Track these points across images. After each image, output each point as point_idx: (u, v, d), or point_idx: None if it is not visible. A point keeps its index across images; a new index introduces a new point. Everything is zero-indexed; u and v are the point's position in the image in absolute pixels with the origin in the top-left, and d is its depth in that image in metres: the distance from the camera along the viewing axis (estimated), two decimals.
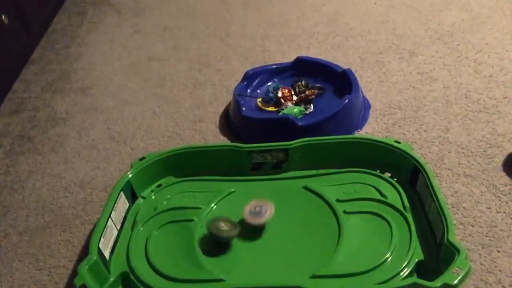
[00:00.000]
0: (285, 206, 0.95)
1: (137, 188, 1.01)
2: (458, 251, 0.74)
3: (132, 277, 0.84)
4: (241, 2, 1.81)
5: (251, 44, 1.55)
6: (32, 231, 1.04)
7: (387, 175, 0.98)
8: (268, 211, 0.89)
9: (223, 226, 0.88)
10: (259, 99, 1.25)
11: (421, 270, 0.80)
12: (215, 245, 0.88)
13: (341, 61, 1.38)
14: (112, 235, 0.91)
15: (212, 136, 1.21)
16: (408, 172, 0.94)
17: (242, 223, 0.90)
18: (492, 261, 0.83)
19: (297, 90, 1.24)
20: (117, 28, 1.79)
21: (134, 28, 1.77)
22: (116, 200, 0.94)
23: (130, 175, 1.00)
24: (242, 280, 0.83)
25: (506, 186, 0.96)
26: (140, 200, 1.01)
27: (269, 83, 1.30)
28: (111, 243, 0.90)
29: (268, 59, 1.46)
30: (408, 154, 0.94)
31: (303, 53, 1.44)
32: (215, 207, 0.97)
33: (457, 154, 1.04)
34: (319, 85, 1.25)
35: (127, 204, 0.98)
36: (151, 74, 1.50)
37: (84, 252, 0.96)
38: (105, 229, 0.88)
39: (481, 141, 1.07)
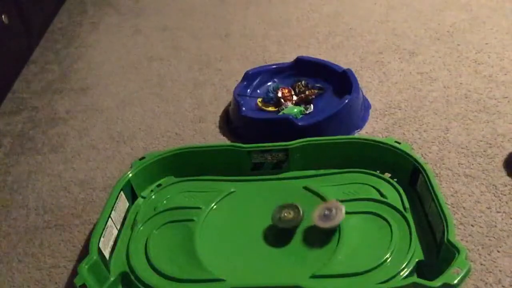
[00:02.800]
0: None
1: (137, 188, 1.01)
2: (458, 251, 0.74)
3: (132, 277, 0.84)
4: (241, 2, 1.81)
5: (251, 44, 1.55)
6: (32, 231, 1.04)
7: (387, 175, 0.98)
8: (339, 214, 0.86)
9: (286, 215, 0.89)
10: (259, 99, 1.25)
11: (421, 270, 0.80)
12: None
13: (341, 61, 1.38)
14: (112, 235, 0.91)
15: (212, 136, 1.21)
16: (408, 172, 0.94)
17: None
18: (492, 261, 0.83)
19: (297, 90, 1.24)
20: (117, 28, 1.79)
21: (134, 28, 1.77)
22: (116, 200, 0.94)
23: (130, 175, 1.00)
24: (242, 280, 0.83)
25: (506, 186, 0.96)
26: (140, 200, 1.01)
27: (269, 83, 1.30)
28: (111, 243, 0.90)
29: (268, 59, 1.46)
30: (408, 154, 0.94)
31: (303, 53, 1.43)
32: (215, 207, 0.97)
33: (457, 154, 1.04)
34: (319, 85, 1.25)
35: (127, 204, 0.98)
36: (151, 74, 1.50)
37: (84, 252, 0.95)
38: (105, 229, 0.88)
39: (481, 141, 1.07)
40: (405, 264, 0.79)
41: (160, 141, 1.22)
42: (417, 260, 0.80)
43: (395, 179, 0.97)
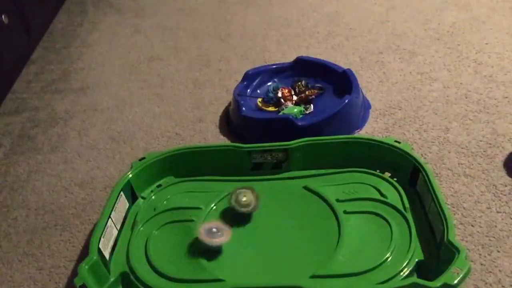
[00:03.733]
0: (285, 206, 0.96)
1: (137, 188, 1.01)
2: (458, 251, 0.74)
3: (132, 277, 0.84)
4: (241, 2, 1.81)
5: (251, 44, 1.55)
6: (32, 231, 1.04)
7: (387, 175, 0.98)
8: (224, 236, 0.87)
9: (244, 200, 0.91)
10: (259, 99, 1.25)
11: (421, 270, 0.80)
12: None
13: (341, 61, 1.38)
14: (112, 235, 0.91)
15: (212, 136, 1.21)
16: (408, 172, 0.94)
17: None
18: (492, 261, 0.83)
19: (297, 90, 1.24)
20: (117, 28, 1.79)
21: (134, 28, 1.77)
22: (116, 200, 0.94)
23: (130, 175, 1.00)
24: (242, 280, 0.83)
25: (506, 186, 0.96)
26: (140, 200, 1.01)
27: (269, 83, 1.30)
28: (111, 243, 0.90)
29: (268, 59, 1.46)
30: (408, 154, 0.94)
31: (303, 53, 1.43)
32: (215, 207, 0.97)
33: (457, 154, 1.04)
34: (319, 85, 1.25)
35: (127, 204, 0.98)
36: (151, 74, 1.50)
37: (84, 252, 0.96)
38: (105, 229, 0.88)
39: (481, 141, 1.07)
40: (405, 264, 0.79)
41: (160, 141, 1.22)
42: (417, 260, 0.80)
43: (395, 179, 0.97)
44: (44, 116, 1.39)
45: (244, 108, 1.18)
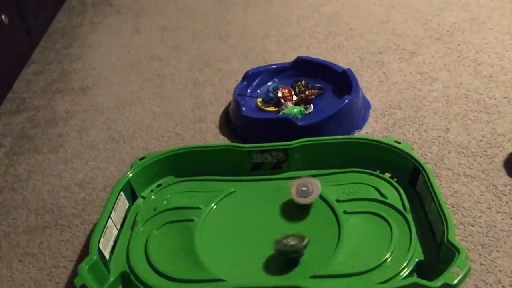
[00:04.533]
0: (285, 206, 0.95)
1: (137, 188, 1.01)
2: (458, 251, 0.74)
3: (132, 277, 0.84)
4: (241, 2, 1.81)
5: (251, 44, 1.55)
6: (32, 231, 1.04)
7: (387, 175, 0.98)
8: (315, 190, 0.91)
9: (291, 241, 0.83)
10: (259, 99, 1.24)
11: (421, 270, 0.80)
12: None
13: (341, 61, 1.38)
14: (112, 235, 0.91)
15: (212, 136, 1.21)
16: (408, 172, 0.94)
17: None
18: (492, 261, 0.83)
19: (297, 90, 1.24)
20: (117, 28, 1.79)
21: (134, 28, 1.77)
22: (116, 200, 0.94)
23: (130, 175, 1.00)
24: (242, 280, 0.83)
25: (506, 186, 0.96)
26: (140, 200, 1.01)
27: (269, 83, 1.30)
28: (111, 243, 0.90)
29: (268, 59, 1.46)
30: (408, 154, 0.94)
31: (303, 53, 1.43)
32: (215, 207, 0.97)
33: (457, 154, 1.04)
34: (319, 85, 1.25)
35: (127, 204, 0.98)
36: (151, 74, 1.50)
37: (84, 252, 0.96)
38: (105, 229, 0.88)
39: (481, 141, 1.07)
40: (405, 264, 0.79)
41: (160, 141, 1.22)
42: (417, 260, 0.80)
43: (395, 179, 0.97)
44: (44, 116, 1.39)
45: (244, 108, 1.18)
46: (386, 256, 0.81)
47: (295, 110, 1.16)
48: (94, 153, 1.22)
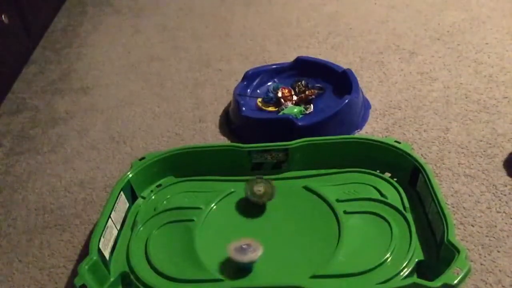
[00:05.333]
0: (285, 206, 0.96)
1: (137, 188, 1.01)
2: (458, 251, 0.74)
3: (132, 277, 0.84)
4: (241, 2, 1.81)
5: (251, 44, 1.55)
6: (32, 231, 1.04)
7: (387, 175, 0.98)
8: (255, 252, 0.83)
9: (259, 190, 0.93)
10: (259, 99, 1.24)
11: (421, 270, 0.80)
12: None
13: (341, 61, 1.38)
14: (112, 235, 0.91)
15: (212, 136, 1.21)
16: (408, 172, 0.94)
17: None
18: (492, 261, 0.83)
19: (297, 90, 1.24)
20: (117, 28, 1.79)
21: (134, 28, 1.77)
22: (116, 200, 0.94)
23: (130, 175, 1.00)
24: (242, 280, 0.83)
25: (506, 186, 0.96)
26: (140, 200, 1.01)
27: (269, 83, 1.30)
28: (111, 243, 0.90)
29: (268, 59, 1.46)
30: (408, 154, 0.94)
31: (303, 53, 1.43)
32: (215, 207, 0.97)
33: (457, 154, 1.04)
34: (319, 85, 1.25)
35: (127, 204, 0.98)
36: (151, 74, 1.50)
37: (84, 252, 0.96)
38: (105, 229, 0.88)
39: (481, 141, 1.07)
40: (405, 264, 0.79)
41: (160, 141, 1.22)
42: (417, 260, 0.80)
43: (395, 179, 0.97)
44: (44, 116, 1.39)
45: (244, 108, 1.18)
46: (386, 256, 0.81)
47: (295, 110, 1.16)
48: (94, 153, 1.22)
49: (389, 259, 0.81)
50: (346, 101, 1.12)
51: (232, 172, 1.04)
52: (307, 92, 1.22)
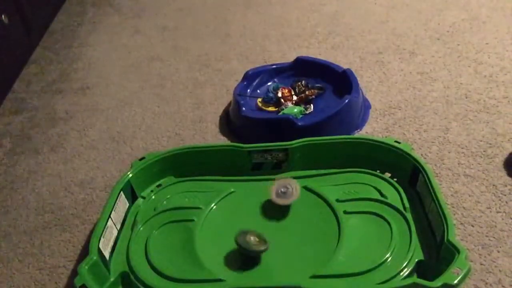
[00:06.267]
0: (285, 206, 0.95)
1: (137, 188, 1.01)
2: (458, 251, 0.74)
3: (132, 277, 0.84)
4: (241, 2, 1.81)
5: (251, 44, 1.55)
6: (32, 231, 1.04)
7: (387, 175, 0.98)
8: (295, 192, 0.90)
9: (253, 240, 0.85)
10: (259, 99, 1.25)
11: (421, 270, 0.80)
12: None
13: (341, 61, 1.38)
14: (112, 235, 0.91)
15: (212, 136, 1.21)
16: (408, 172, 0.94)
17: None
18: (492, 261, 0.83)
19: (297, 90, 1.24)
20: (117, 28, 1.79)
21: (134, 28, 1.77)
22: (116, 200, 0.94)
23: (130, 175, 1.00)
24: (242, 280, 0.83)
25: (506, 186, 0.96)
26: (140, 200, 1.01)
27: (269, 83, 1.30)
28: (111, 243, 0.90)
29: (268, 59, 1.46)
30: (408, 154, 0.94)
31: (303, 53, 1.44)
32: (215, 207, 0.97)
33: (457, 154, 1.04)
34: (319, 85, 1.25)
35: (127, 204, 0.98)
36: (151, 74, 1.50)
37: (84, 252, 0.96)
38: (105, 229, 0.88)
39: (481, 141, 1.07)
40: (405, 264, 0.79)
41: (160, 141, 1.22)
42: (417, 260, 0.80)
43: (395, 179, 0.97)
44: (44, 116, 1.39)
45: (244, 108, 1.18)
46: (386, 256, 0.81)
47: (295, 110, 1.16)
48: (94, 153, 1.22)
49: (389, 259, 0.81)
50: (346, 101, 1.12)
51: (232, 172, 1.04)
52: (307, 92, 1.22)
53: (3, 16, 1.48)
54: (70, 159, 1.21)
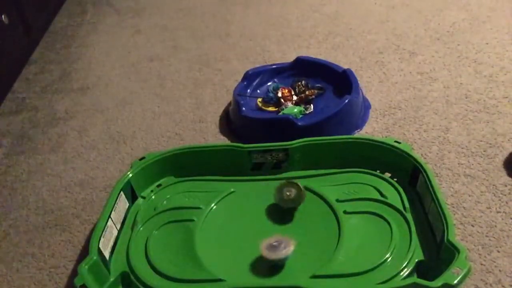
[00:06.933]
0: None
1: (137, 188, 1.01)
2: (458, 251, 0.74)
3: (132, 277, 0.84)
4: (241, 2, 1.82)
5: (251, 44, 1.55)
6: (32, 231, 1.04)
7: (387, 175, 0.98)
8: (287, 248, 0.83)
9: (288, 194, 0.92)
10: (259, 99, 1.25)
11: (421, 270, 0.80)
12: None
13: (341, 61, 1.38)
14: (112, 235, 0.91)
15: (212, 136, 1.21)
16: (408, 172, 0.94)
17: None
18: (492, 261, 0.83)
19: (297, 90, 1.24)
20: (117, 28, 1.79)
21: (134, 28, 1.77)
22: (116, 200, 0.94)
23: (130, 175, 1.00)
24: (242, 280, 0.83)
25: (506, 186, 0.96)
26: (140, 200, 1.01)
27: (269, 83, 1.30)
28: (111, 243, 0.90)
29: (268, 59, 1.46)
30: (408, 154, 0.94)
31: (303, 53, 1.44)
32: (215, 207, 0.97)
33: (457, 154, 1.04)
34: (319, 85, 1.25)
35: (127, 204, 0.98)
36: (151, 74, 1.50)
37: (84, 252, 0.96)
38: (105, 229, 0.88)
39: (481, 141, 1.07)
40: (405, 264, 0.79)
41: (160, 141, 1.22)
42: (417, 260, 0.80)
43: (395, 179, 0.97)
44: (44, 116, 1.39)
45: (244, 108, 1.18)
46: (386, 256, 0.81)
47: (295, 110, 1.16)
48: (94, 153, 1.22)
49: (389, 259, 0.81)
50: (346, 101, 1.12)
51: (232, 172, 1.04)
52: (307, 92, 1.22)
53: (3, 16, 1.48)
54: (70, 159, 1.21)
